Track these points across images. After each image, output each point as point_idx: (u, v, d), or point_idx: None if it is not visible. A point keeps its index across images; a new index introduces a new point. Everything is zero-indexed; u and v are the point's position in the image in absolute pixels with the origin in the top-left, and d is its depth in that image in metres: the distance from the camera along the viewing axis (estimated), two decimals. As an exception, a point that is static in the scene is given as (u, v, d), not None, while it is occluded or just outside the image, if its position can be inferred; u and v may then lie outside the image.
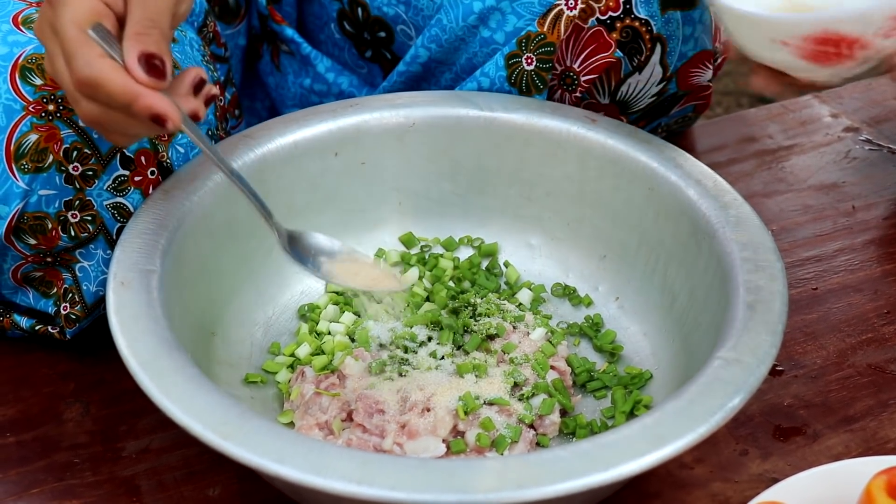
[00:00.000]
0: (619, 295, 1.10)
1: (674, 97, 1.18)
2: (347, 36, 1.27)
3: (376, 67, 1.29)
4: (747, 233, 0.97)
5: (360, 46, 1.28)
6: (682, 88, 1.17)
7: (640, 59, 1.11)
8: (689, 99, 1.21)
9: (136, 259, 0.93)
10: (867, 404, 1.04)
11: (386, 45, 1.25)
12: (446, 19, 1.15)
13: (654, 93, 1.15)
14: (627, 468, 0.77)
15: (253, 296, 1.08)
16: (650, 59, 1.11)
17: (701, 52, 1.14)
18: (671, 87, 1.16)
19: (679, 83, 1.16)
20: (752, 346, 0.86)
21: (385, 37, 1.24)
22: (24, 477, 0.98)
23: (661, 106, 1.19)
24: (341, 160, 1.12)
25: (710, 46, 1.14)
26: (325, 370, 1.01)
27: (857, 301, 1.16)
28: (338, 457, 0.77)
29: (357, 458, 0.77)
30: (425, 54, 1.18)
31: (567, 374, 1.03)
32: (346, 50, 1.30)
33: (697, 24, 1.12)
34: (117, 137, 0.90)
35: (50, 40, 0.86)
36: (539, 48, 1.11)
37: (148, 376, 0.83)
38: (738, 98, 2.73)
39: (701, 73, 1.16)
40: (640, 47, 1.10)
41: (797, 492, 0.87)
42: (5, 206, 0.97)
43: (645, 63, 1.11)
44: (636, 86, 1.14)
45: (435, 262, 1.14)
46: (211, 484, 0.97)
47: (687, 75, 1.15)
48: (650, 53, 1.11)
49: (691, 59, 1.14)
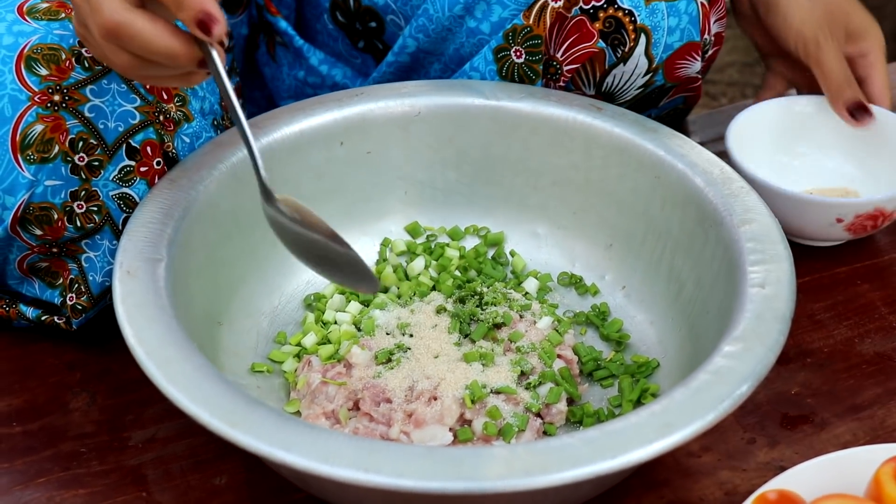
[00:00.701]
0: (626, 284, 1.10)
1: (661, 89, 1.18)
2: (340, 27, 1.27)
3: (370, 58, 1.29)
4: (755, 221, 0.97)
5: (353, 37, 1.28)
6: (670, 80, 1.16)
7: (624, 50, 1.11)
8: (678, 91, 1.21)
9: (142, 248, 0.93)
10: (875, 392, 1.04)
11: (377, 36, 1.25)
12: (433, 9, 1.15)
13: (640, 84, 1.15)
14: (635, 455, 0.77)
15: (259, 285, 1.08)
16: (634, 51, 1.11)
17: (688, 43, 1.13)
18: (658, 79, 1.15)
19: (666, 75, 1.15)
20: (760, 334, 0.86)
21: (376, 27, 1.24)
22: (31, 466, 0.98)
23: (649, 98, 1.18)
24: (347, 149, 1.11)
25: (697, 38, 1.13)
26: (332, 359, 1.01)
27: (865, 290, 1.15)
28: (345, 445, 0.77)
29: (364, 446, 0.77)
30: (413, 44, 1.18)
31: (574, 363, 1.03)
32: (339, 41, 1.30)
33: (683, 15, 1.11)
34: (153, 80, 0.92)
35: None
36: (526, 41, 1.11)
37: (155, 365, 0.82)
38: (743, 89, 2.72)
39: (688, 64, 1.15)
40: (623, 38, 1.10)
41: (805, 480, 0.87)
42: (11, 196, 0.97)
43: (629, 54, 1.11)
44: (621, 77, 1.13)
45: (441, 251, 1.14)
46: (217, 473, 0.97)
47: (674, 67, 1.15)
48: (634, 44, 1.10)
49: (678, 51, 1.13)
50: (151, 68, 0.86)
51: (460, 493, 0.75)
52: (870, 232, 1.15)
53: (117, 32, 0.82)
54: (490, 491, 0.75)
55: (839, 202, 1.12)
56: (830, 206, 1.12)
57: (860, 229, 1.14)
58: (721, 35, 1.21)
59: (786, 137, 1.25)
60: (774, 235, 0.96)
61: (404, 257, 1.14)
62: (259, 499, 0.95)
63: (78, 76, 0.98)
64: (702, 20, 1.13)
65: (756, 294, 0.90)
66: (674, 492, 0.95)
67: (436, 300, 1.06)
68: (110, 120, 1.00)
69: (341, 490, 0.84)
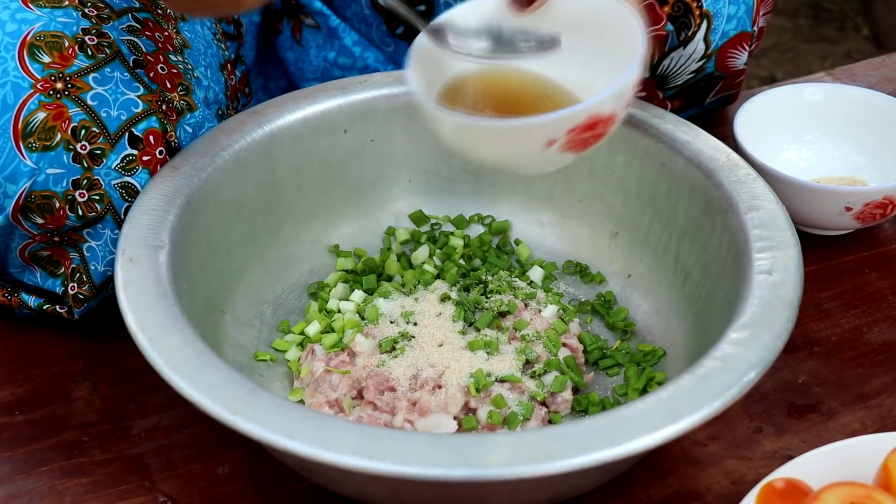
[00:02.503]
0: (632, 272, 1.10)
1: (709, 78, 1.18)
2: (379, 11, 1.27)
3: (403, 45, 1.28)
4: (762, 208, 0.96)
5: (392, 22, 1.27)
6: (719, 69, 1.17)
7: (688, 33, 1.11)
8: (724, 85, 1.22)
9: (144, 235, 0.93)
10: (883, 381, 1.03)
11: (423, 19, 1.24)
12: None
13: (692, 70, 1.15)
14: (642, 442, 0.76)
15: (262, 274, 1.07)
16: (696, 35, 1.11)
17: (741, 32, 1.14)
18: (709, 66, 1.16)
19: (717, 63, 1.16)
20: (767, 321, 0.85)
21: (425, 10, 1.23)
22: (33, 455, 0.97)
23: (697, 87, 1.18)
24: (350, 137, 1.11)
25: (749, 28, 1.14)
26: (335, 348, 1.00)
27: (873, 278, 1.15)
28: (349, 432, 0.76)
29: (368, 434, 0.76)
30: None
31: (579, 352, 1.02)
32: (374, 27, 1.29)
33: (741, 4, 1.13)
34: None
35: None
36: None
37: (157, 352, 0.82)
38: (749, 80, 2.72)
39: (738, 55, 1.16)
40: (689, 21, 1.10)
41: (812, 468, 0.86)
42: (13, 184, 0.96)
43: (691, 38, 1.12)
44: (678, 60, 1.14)
45: (445, 239, 1.13)
46: (220, 462, 0.96)
47: (725, 55, 1.15)
48: (697, 28, 1.11)
49: (732, 39, 1.14)
50: None
51: (465, 480, 0.74)
52: (878, 221, 1.14)
53: None
54: (495, 478, 0.74)
55: (848, 190, 1.11)
56: (839, 194, 1.11)
57: (869, 218, 1.13)
58: (763, 30, 1.21)
59: (793, 126, 1.25)
60: (781, 222, 0.95)
61: (408, 246, 1.14)
62: (262, 488, 0.94)
63: (81, 64, 0.98)
64: (755, 11, 1.14)
65: (763, 281, 0.89)
66: (680, 481, 0.94)
67: (440, 289, 1.06)
68: (113, 108, 0.99)
69: (345, 478, 0.83)
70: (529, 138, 0.86)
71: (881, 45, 2.82)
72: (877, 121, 1.21)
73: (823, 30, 2.91)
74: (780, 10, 2.98)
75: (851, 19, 2.94)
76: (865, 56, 2.76)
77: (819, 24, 2.94)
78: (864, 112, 1.23)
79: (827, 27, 2.92)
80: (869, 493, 0.80)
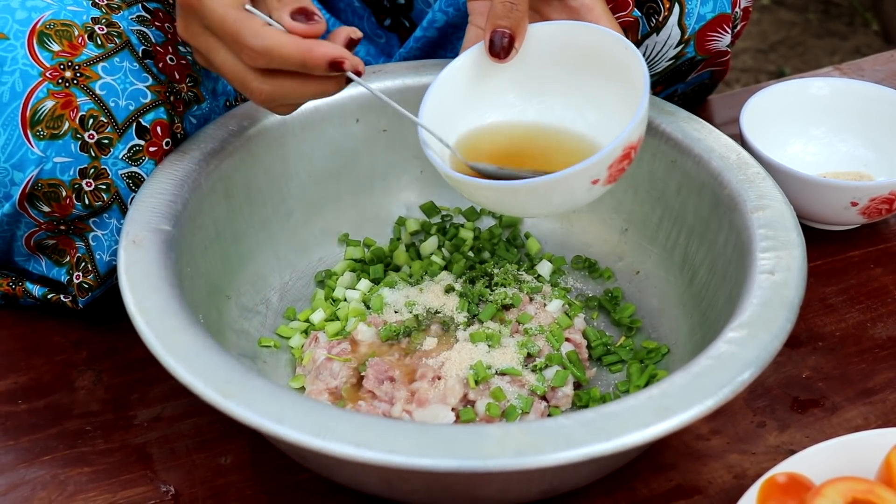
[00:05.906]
0: (640, 269, 1.09)
1: (692, 62, 1.17)
2: (367, 3, 1.27)
3: (394, 37, 1.28)
4: (769, 208, 0.96)
5: (379, 14, 1.27)
6: (701, 53, 1.15)
7: (658, 19, 1.10)
8: (707, 64, 1.20)
9: (149, 218, 0.93)
10: (887, 377, 1.03)
11: (405, 13, 1.24)
12: None
13: (671, 56, 1.14)
14: (631, 439, 0.75)
15: (270, 260, 1.08)
16: (668, 21, 1.10)
17: (720, 15, 1.12)
18: (689, 51, 1.14)
19: (697, 47, 1.14)
20: (766, 321, 0.85)
21: (404, 4, 1.23)
22: (36, 444, 0.97)
23: (679, 71, 1.17)
24: (362, 126, 1.11)
25: (729, 10, 1.13)
26: (338, 336, 1.01)
27: (878, 273, 1.15)
28: (338, 419, 0.76)
29: (357, 421, 0.76)
30: (442, 18, 1.17)
31: (583, 347, 1.02)
32: (365, 19, 1.29)
33: None
34: (286, 109, 0.92)
35: (201, 37, 0.88)
36: None
37: (154, 334, 0.82)
38: (757, 75, 2.71)
39: (720, 37, 1.15)
40: (657, 7, 1.09)
41: (815, 463, 0.86)
42: (20, 172, 0.97)
43: (663, 24, 1.10)
44: (654, 48, 1.12)
45: (455, 231, 1.13)
46: (223, 452, 0.97)
47: (705, 39, 1.14)
48: (668, 14, 1.09)
49: (710, 22, 1.13)
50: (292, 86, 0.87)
51: (451, 470, 0.73)
52: (884, 216, 1.14)
53: (267, 51, 0.84)
54: (481, 470, 0.74)
55: (854, 185, 1.11)
56: (845, 189, 1.11)
57: (875, 213, 1.13)
58: (748, 10, 1.20)
59: (800, 120, 1.25)
60: (788, 222, 0.95)
61: (418, 236, 1.14)
62: (264, 478, 0.94)
63: (90, 53, 0.98)
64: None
65: (765, 280, 0.89)
66: (682, 475, 0.94)
67: (445, 280, 1.06)
68: (121, 98, 0.99)
69: (337, 466, 0.83)
70: (576, 185, 0.87)
71: (890, 40, 2.81)
72: (884, 116, 1.21)
73: (832, 25, 2.90)
74: (790, 5, 2.97)
75: (861, 14, 2.93)
76: (875, 51, 2.75)
77: (828, 19, 2.93)
78: (872, 107, 1.23)
79: (836, 22, 2.91)
80: (871, 489, 0.79)
